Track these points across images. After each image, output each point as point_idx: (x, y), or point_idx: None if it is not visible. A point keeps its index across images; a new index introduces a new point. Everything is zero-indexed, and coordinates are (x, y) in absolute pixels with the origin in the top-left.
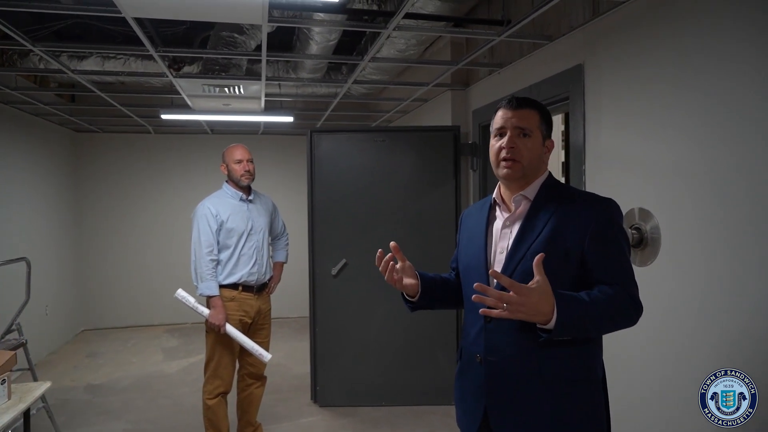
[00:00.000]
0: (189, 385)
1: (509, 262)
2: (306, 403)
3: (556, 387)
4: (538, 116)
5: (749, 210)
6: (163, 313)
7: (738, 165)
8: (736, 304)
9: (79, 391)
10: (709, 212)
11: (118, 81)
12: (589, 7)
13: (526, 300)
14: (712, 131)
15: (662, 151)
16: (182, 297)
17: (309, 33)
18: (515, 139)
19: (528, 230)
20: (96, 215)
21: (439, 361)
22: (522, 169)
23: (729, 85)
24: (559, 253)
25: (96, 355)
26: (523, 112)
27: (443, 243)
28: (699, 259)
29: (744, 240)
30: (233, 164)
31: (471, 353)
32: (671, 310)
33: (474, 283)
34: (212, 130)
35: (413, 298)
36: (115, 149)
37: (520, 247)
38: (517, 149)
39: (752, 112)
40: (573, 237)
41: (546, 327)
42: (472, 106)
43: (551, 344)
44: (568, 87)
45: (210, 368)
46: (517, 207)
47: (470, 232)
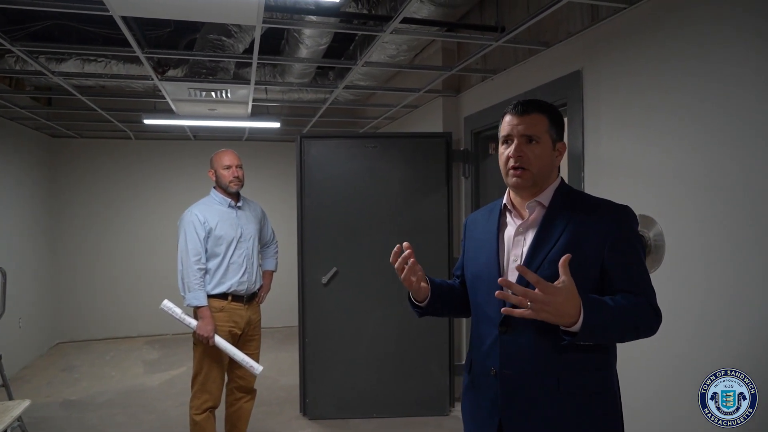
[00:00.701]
0: (173, 399)
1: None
2: (295, 416)
3: (574, 399)
4: (546, 120)
5: (749, 213)
6: (142, 324)
7: (737, 169)
8: (736, 306)
9: (56, 408)
10: (710, 216)
11: (98, 84)
12: (588, 14)
13: (552, 299)
14: (711, 136)
15: (662, 157)
16: (168, 308)
17: (299, 36)
18: (523, 147)
19: (544, 237)
20: (72, 223)
21: (432, 371)
22: (532, 177)
23: (727, 90)
24: (577, 262)
25: (72, 368)
26: (530, 117)
27: (435, 250)
28: (700, 262)
29: (744, 243)
30: (222, 170)
31: (484, 366)
32: (671, 312)
33: (485, 291)
34: (195, 136)
35: (422, 302)
36: (94, 155)
37: (536, 254)
38: (525, 157)
39: (750, 116)
40: (592, 245)
41: (571, 330)
42: (464, 113)
43: (570, 353)
44: (566, 93)
45: (198, 382)
46: (531, 213)
47: (479, 240)
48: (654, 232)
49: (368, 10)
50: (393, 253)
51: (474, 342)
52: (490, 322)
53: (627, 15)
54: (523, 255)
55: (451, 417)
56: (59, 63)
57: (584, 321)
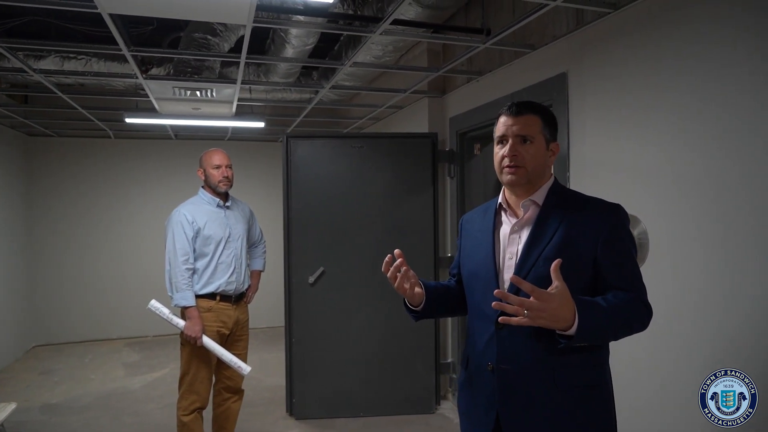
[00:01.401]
0: (155, 401)
1: (521, 268)
2: (281, 416)
3: (570, 393)
4: (539, 121)
5: (744, 211)
6: (122, 326)
7: (718, 167)
8: (733, 304)
9: (34, 412)
10: (704, 214)
11: (77, 82)
12: (573, 18)
13: (547, 306)
14: (692, 136)
15: (646, 156)
16: (155, 308)
17: (286, 36)
18: (517, 146)
19: (539, 235)
20: (50, 223)
21: (418, 369)
22: (526, 175)
23: (706, 93)
24: (571, 259)
25: (50, 372)
26: (524, 118)
27: (421, 250)
28: (692, 259)
29: (740, 239)
30: (211, 169)
31: (480, 362)
32: (670, 311)
33: (481, 289)
34: (177, 135)
35: (417, 307)
36: (72, 154)
37: (531, 252)
38: (519, 156)
39: (726, 119)
40: (585, 243)
41: (566, 333)
42: (450, 114)
43: (567, 351)
44: (552, 95)
45: (185, 383)
46: (526, 212)
47: (474, 238)
48: (638, 230)
49: (354, 10)
50: (384, 263)
51: (470, 338)
52: (487, 318)
53: (611, 19)
54: (519, 253)
55: (437, 415)
56: (38, 60)
57: (579, 324)
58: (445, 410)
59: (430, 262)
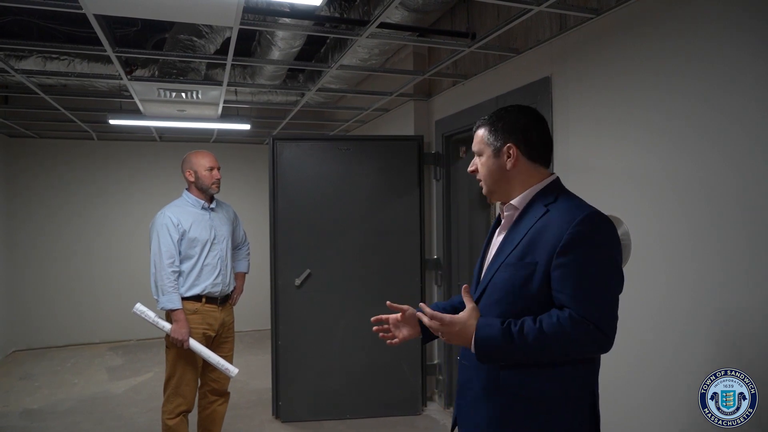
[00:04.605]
0: (139, 405)
1: (486, 274)
2: (267, 419)
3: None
4: (484, 133)
5: (733, 208)
6: (104, 329)
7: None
8: (729, 304)
9: (15, 418)
10: (691, 212)
11: (59, 83)
12: (557, 23)
13: (446, 329)
14: (674, 137)
15: (629, 157)
16: (141, 311)
17: (272, 39)
18: (476, 162)
19: (508, 242)
20: (31, 226)
21: (404, 371)
22: (486, 188)
23: (688, 94)
24: (527, 269)
25: (31, 377)
26: (476, 135)
27: (408, 252)
28: (683, 258)
29: (729, 236)
30: (204, 171)
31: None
32: (666, 311)
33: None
34: (161, 137)
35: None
36: (54, 156)
37: (496, 259)
38: (477, 172)
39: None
40: (542, 252)
41: None
42: (435, 116)
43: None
44: (536, 98)
45: (171, 386)
46: (507, 217)
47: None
48: (621, 231)
49: (340, 13)
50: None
51: None
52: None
53: (593, 24)
54: (489, 258)
55: (423, 416)
56: (19, 60)
57: (476, 349)
58: (432, 411)
59: (416, 264)
